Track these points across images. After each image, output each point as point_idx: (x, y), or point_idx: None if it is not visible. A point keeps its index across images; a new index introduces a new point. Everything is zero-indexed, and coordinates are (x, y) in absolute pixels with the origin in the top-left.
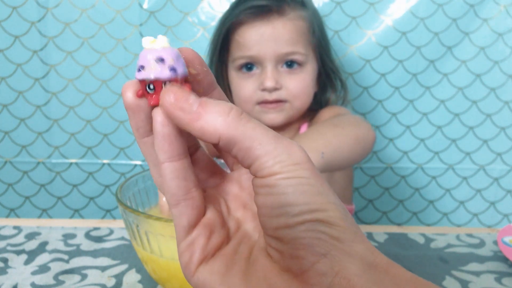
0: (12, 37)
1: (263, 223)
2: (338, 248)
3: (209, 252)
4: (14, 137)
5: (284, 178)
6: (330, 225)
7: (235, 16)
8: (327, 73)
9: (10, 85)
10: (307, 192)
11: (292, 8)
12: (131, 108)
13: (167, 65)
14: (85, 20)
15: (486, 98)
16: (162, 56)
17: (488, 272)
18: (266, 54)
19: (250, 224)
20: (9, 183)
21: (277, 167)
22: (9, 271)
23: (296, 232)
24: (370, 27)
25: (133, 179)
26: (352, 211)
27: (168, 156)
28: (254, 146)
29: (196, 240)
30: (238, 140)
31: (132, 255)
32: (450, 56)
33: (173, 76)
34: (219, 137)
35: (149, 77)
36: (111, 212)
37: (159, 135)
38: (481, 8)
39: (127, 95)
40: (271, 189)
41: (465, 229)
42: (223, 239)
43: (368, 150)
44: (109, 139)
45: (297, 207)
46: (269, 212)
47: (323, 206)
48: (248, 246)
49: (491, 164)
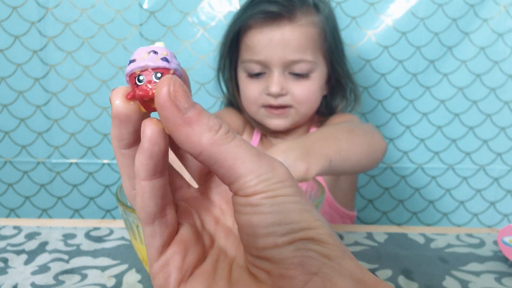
0: (12, 37)
1: (246, 242)
2: (328, 266)
3: (186, 271)
4: (14, 137)
5: (270, 196)
6: (320, 243)
7: (246, 19)
8: (337, 78)
9: (10, 85)
10: (294, 211)
11: (304, 13)
12: (119, 117)
13: (160, 56)
14: (85, 20)
15: (486, 98)
16: (155, 49)
17: (488, 272)
18: (273, 59)
19: (224, 240)
20: (9, 183)
21: (261, 186)
22: (9, 271)
23: (286, 252)
24: (370, 27)
25: None
26: (353, 217)
27: (150, 174)
28: (237, 164)
29: (171, 259)
30: (219, 158)
31: (132, 255)
32: (450, 56)
33: (166, 66)
34: (200, 151)
35: (138, 66)
36: (111, 212)
37: (146, 153)
38: (481, 8)
39: (115, 103)
40: (256, 208)
41: (465, 229)
42: (199, 256)
43: (377, 161)
44: (109, 139)
45: (285, 226)
46: (254, 231)
47: (311, 224)
48: (226, 264)
49: (491, 164)
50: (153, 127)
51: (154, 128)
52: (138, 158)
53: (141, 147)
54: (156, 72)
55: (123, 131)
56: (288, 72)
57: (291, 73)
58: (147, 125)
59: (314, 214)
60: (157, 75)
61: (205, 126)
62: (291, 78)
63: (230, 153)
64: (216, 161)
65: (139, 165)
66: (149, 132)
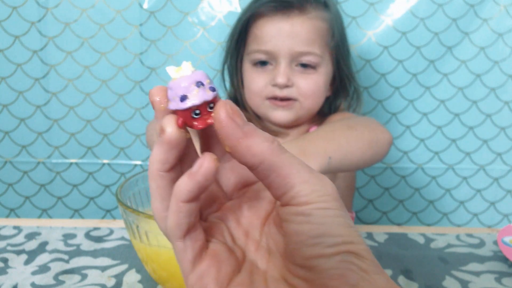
0: (12, 37)
1: (293, 250)
2: (365, 280)
3: (222, 283)
4: (14, 137)
5: (321, 208)
6: (360, 258)
7: (256, 8)
8: (342, 79)
9: (10, 85)
10: (341, 224)
11: (314, 7)
12: (171, 143)
13: (207, 87)
14: (85, 20)
15: (486, 98)
16: (199, 79)
17: (488, 272)
18: (281, 50)
19: (253, 253)
20: (9, 183)
21: (313, 196)
22: (9, 271)
23: (331, 263)
24: (370, 27)
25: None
26: (352, 218)
27: (191, 199)
28: (293, 173)
29: (205, 272)
30: (278, 166)
31: (132, 255)
32: (450, 56)
33: (216, 95)
34: (262, 160)
35: (196, 103)
36: (111, 212)
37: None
38: (481, 8)
39: (168, 130)
40: (307, 218)
41: (465, 229)
42: (234, 268)
43: (381, 154)
44: (109, 139)
45: (333, 238)
46: (302, 240)
47: (354, 238)
48: (261, 276)
49: (491, 164)
50: (211, 164)
51: (212, 166)
52: (186, 183)
53: (193, 176)
54: (210, 103)
55: (169, 156)
56: (295, 65)
57: (297, 66)
58: (207, 160)
59: (355, 229)
60: (210, 106)
61: (262, 138)
62: (298, 70)
63: (286, 162)
64: (274, 170)
65: (185, 190)
66: (207, 167)
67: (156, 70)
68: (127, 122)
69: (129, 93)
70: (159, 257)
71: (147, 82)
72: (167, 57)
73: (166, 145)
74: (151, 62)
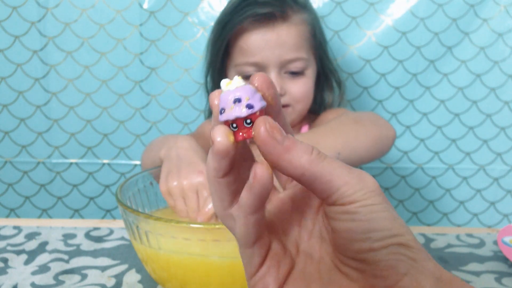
0: (12, 37)
1: (343, 246)
2: (415, 268)
3: (281, 280)
4: (14, 137)
5: (364, 205)
6: (408, 248)
7: (238, 22)
8: (325, 73)
9: (10, 85)
10: (387, 218)
11: (295, 11)
12: (221, 152)
13: (244, 103)
14: (85, 20)
15: (486, 98)
16: (238, 96)
17: (488, 272)
18: (270, 60)
19: (307, 242)
20: (9, 183)
21: (357, 195)
22: (9, 271)
23: (381, 255)
24: (370, 27)
25: (133, 179)
26: None
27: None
28: (334, 179)
29: (267, 273)
30: (319, 175)
31: (132, 255)
32: (450, 56)
33: (251, 113)
34: (303, 172)
35: (229, 118)
36: (111, 212)
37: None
38: (481, 8)
39: (217, 140)
40: (353, 216)
41: (465, 229)
42: (289, 265)
43: (386, 150)
44: (109, 139)
45: (380, 232)
46: (351, 236)
47: (400, 230)
48: (314, 268)
49: (491, 164)
50: (264, 171)
51: (265, 173)
52: (247, 198)
53: (251, 188)
54: (246, 119)
55: (222, 164)
56: (283, 72)
57: (286, 73)
58: (259, 168)
59: (400, 221)
60: (247, 121)
61: (301, 151)
62: (287, 77)
63: (326, 170)
64: (316, 178)
65: (246, 204)
66: (260, 176)
67: (156, 70)
68: (127, 122)
69: (129, 93)
70: (159, 257)
71: (147, 82)
72: (167, 57)
73: (218, 154)
74: (151, 62)
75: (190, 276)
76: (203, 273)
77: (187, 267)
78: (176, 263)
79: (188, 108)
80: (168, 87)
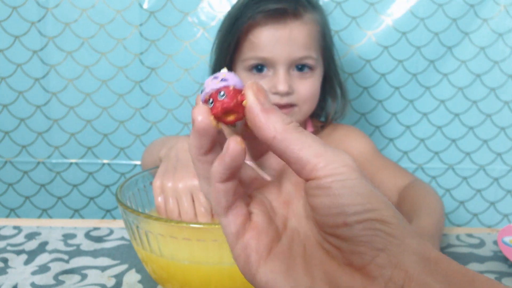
0: (12, 37)
1: (320, 221)
2: (393, 244)
3: (263, 252)
4: (14, 137)
5: (338, 180)
6: (385, 223)
7: (251, 17)
8: (330, 77)
9: (10, 85)
10: (361, 193)
11: (307, 10)
12: (200, 130)
13: (219, 78)
14: (85, 20)
15: (486, 98)
16: (216, 75)
17: (488, 272)
18: (280, 57)
19: (295, 220)
20: (9, 183)
21: (329, 169)
22: (9, 271)
23: (355, 230)
24: (370, 27)
25: (133, 179)
26: None
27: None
28: (305, 147)
29: (247, 244)
30: (290, 141)
31: (132, 255)
32: (450, 56)
33: (225, 85)
34: (275, 135)
35: (206, 92)
36: (111, 212)
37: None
38: (481, 8)
39: (198, 118)
40: (327, 191)
41: (465, 229)
42: (273, 238)
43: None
44: (109, 139)
45: (353, 207)
46: (326, 212)
47: (376, 205)
48: (300, 244)
49: (491, 164)
50: (237, 146)
51: (237, 147)
52: (217, 167)
53: (222, 159)
54: (219, 91)
55: (202, 142)
56: (292, 70)
57: (294, 70)
58: (232, 141)
59: (378, 196)
60: (220, 94)
61: (279, 117)
62: (295, 75)
63: (298, 139)
64: (287, 145)
65: (216, 173)
66: (232, 148)
67: (156, 70)
68: (127, 122)
69: (129, 93)
70: (159, 257)
71: (147, 82)
72: (167, 57)
73: (198, 132)
74: (151, 62)
75: (190, 276)
76: (203, 273)
77: (187, 267)
78: (176, 263)
79: (188, 108)
80: (168, 87)
